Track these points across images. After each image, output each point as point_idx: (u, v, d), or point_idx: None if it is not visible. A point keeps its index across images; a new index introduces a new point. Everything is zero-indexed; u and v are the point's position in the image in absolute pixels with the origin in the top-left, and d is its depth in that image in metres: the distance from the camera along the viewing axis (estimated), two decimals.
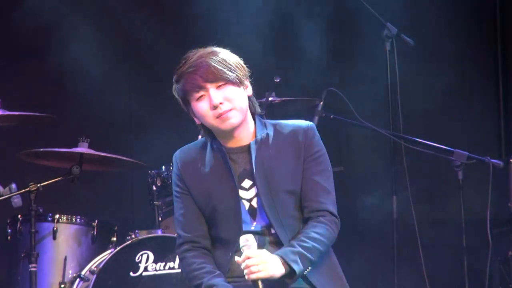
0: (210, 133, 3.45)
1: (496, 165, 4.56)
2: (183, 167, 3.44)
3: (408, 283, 5.70)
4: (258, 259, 3.18)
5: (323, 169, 3.39)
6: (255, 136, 3.40)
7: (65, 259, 5.18)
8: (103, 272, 4.91)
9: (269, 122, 3.46)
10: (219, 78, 3.32)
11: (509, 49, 6.52)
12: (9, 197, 4.88)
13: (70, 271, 5.16)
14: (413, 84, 6.28)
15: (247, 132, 3.40)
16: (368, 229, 6.14)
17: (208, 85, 3.32)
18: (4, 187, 4.91)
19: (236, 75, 3.34)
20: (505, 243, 5.23)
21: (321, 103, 5.21)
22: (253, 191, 3.38)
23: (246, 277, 3.19)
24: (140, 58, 6.51)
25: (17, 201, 4.88)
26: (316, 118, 5.15)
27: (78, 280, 5.03)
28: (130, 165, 5.37)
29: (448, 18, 6.46)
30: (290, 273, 3.23)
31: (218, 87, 3.33)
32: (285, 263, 3.22)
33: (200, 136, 5.27)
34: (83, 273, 5.03)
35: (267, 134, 3.40)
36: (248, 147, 3.40)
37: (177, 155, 3.49)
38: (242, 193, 3.38)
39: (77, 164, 5.04)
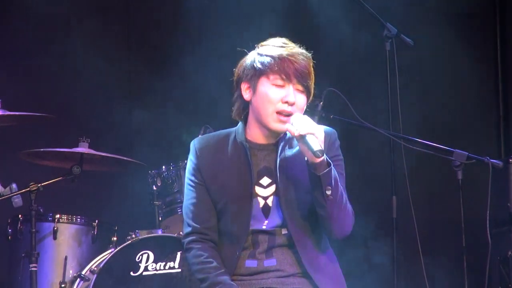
0: (243, 115, 3.39)
1: (496, 165, 4.54)
2: (202, 156, 3.38)
3: (408, 283, 5.70)
4: (309, 120, 3.21)
5: (340, 172, 3.38)
6: (283, 136, 3.38)
7: (66, 258, 5.18)
8: (103, 272, 4.91)
9: None
10: (306, 84, 3.32)
11: (509, 49, 6.52)
12: (10, 197, 4.88)
13: (71, 271, 5.17)
14: (413, 84, 6.27)
15: (278, 133, 3.37)
16: (368, 229, 6.13)
17: (295, 81, 3.30)
18: (4, 187, 4.91)
19: (313, 90, 3.36)
20: (504, 243, 5.23)
21: (321, 103, 5.19)
22: (271, 189, 3.35)
23: (296, 133, 3.18)
24: (141, 58, 6.50)
25: (17, 201, 4.89)
26: (316, 118, 5.13)
27: (78, 280, 5.04)
28: (130, 165, 5.37)
29: (448, 18, 6.46)
30: (321, 163, 3.21)
31: (298, 90, 3.32)
32: (326, 158, 3.21)
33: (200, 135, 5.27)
34: (83, 272, 5.04)
35: None
36: (273, 145, 3.37)
37: (196, 142, 3.41)
38: (258, 190, 3.35)
39: (77, 164, 5.04)
